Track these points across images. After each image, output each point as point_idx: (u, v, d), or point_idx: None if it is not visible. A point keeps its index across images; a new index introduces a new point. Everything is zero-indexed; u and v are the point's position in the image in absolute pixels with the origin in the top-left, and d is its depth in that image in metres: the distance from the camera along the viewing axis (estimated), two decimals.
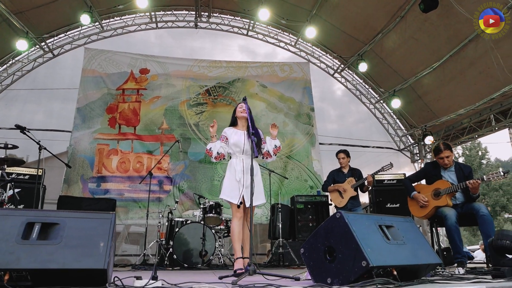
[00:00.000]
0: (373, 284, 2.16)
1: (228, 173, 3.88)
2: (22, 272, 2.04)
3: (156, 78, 8.71)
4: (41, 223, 2.20)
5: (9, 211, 2.23)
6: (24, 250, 2.06)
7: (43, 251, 2.08)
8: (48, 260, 2.06)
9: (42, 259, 2.05)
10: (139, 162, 7.99)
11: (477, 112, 7.44)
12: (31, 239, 2.12)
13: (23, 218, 2.18)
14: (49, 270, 2.04)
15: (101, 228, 2.27)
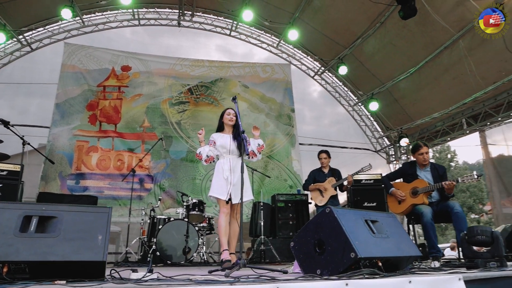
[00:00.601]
0: (361, 274, 2.30)
1: (216, 172, 4.07)
2: (21, 264, 2.07)
3: (138, 75, 8.65)
4: (38, 216, 2.23)
5: (5, 204, 2.24)
6: (23, 243, 2.09)
7: (42, 243, 2.12)
8: (48, 253, 2.09)
9: (42, 251, 2.08)
10: (120, 160, 7.93)
11: (450, 116, 7.80)
12: (29, 232, 2.15)
13: (20, 211, 2.21)
14: (49, 262, 2.08)
15: (99, 222, 2.32)
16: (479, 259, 2.73)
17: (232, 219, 4.02)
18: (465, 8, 6.17)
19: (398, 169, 4.96)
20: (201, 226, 6.16)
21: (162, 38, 9.43)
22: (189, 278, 2.29)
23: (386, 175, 4.97)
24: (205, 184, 8.23)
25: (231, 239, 3.95)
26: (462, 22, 6.37)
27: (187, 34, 9.51)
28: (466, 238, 2.77)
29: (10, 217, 2.16)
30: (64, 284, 2.04)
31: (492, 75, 6.43)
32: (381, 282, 2.25)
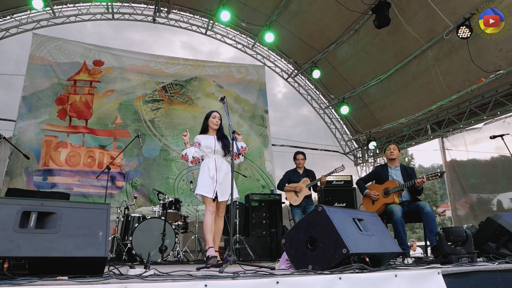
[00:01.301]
0: (351, 268, 2.45)
1: (202, 171, 4.16)
2: (22, 260, 2.04)
3: (110, 71, 8.46)
4: (37, 212, 2.20)
5: (3, 200, 2.19)
6: (23, 238, 2.06)
7: (43, 239, 2.10)
8: (49, 248, 2.08)
9: (43, 247, 2.07)
10: (91, 156, 7.72)
11: (416, 121, 8.24)
12: (28, 228, 2.12)
13: (18, 207, 2.17)
14: (50, 258, 2.07)
15: (99, 218, 2.32)
16: (453, 255, 2.97)
17: (217, 217, 4.11)
18: (434, 20, 6.57)
19: (371, 171, 5.24)
20: (176, 224, 6.15)
21: (126, 31, 9.16)
22: (189, 274, 2.34)
23: (360, 178, 5.23)
24: (178, 183, 8.19)
25: (215, 237, 4.03)
26: (431, 33, 6.77)
27: (150, 29, 9.26)
28: (445, 236, 3.00)
29: (9, 213, 2.11)
30: (67, 279, 2.04)
31: (456, 84, 6.88)
32: (370, 276, 2.42)
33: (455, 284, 2.58)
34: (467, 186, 7.59)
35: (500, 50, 6.14)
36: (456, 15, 6.22)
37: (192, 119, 8.77)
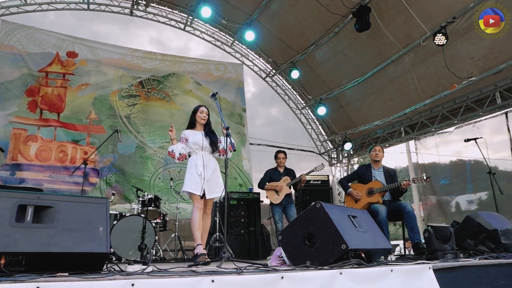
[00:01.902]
0: (350, 264, 2.50)
1: (189, 168, 4.08)
2: (19, 256, 1.94)
3: (85, 63, 8.16)
4: (34, 206, 2.09)
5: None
6: (21, 233, 1.96)
7: (42, 234, 2.00)
8: (48, 244, 1.99)
9: (42, 242, 1.97)
10: (63, 151, 7.42)
11: (390, 124, 8.51)
12: (25, 222, 2.02)
13: (14, 200, 2.06)
14: (49, 254, 1.97)
15: (98, 213, 2.25)
16: (439, 252, 3.10)
17: (205, 214, 4.07)
18: (411, 27, 6.81)
19: (355, 171, 5.36)
20: (155, 222, 6.03)
21: (91, 23, 8.71)
22: (191, 270, 2.31)
23: (344, 177, 5.35)
24: (154, 181, 8.03)
25: (202, 235, 3.99)
26: (408, 39, 7.02)
27: (118, 22, 8.93)
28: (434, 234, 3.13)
29: (4, 206, 2.00)
30: (67, 276, 1.95)
31: (430, 89, 7.16)
32: (368, 271, 2.48)
33: (444, 279, 2.69)
34: (437, 187, 7.92)
35: (472, 58, 6.46)
36: (432, 23, 6.48)
37: (169, 116, 8.62)
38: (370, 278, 2.45)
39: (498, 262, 3.02)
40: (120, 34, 8.97)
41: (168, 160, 8.26)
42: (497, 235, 3.59)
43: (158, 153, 8.23)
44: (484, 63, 6.35)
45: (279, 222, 6.00)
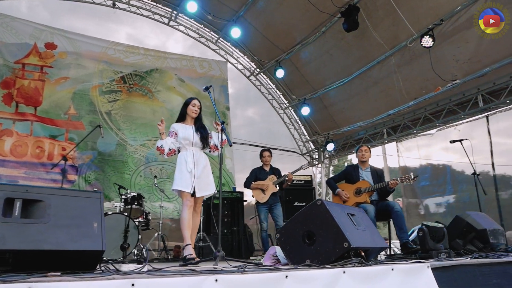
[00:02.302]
0: (352, 262, 2.46)
1: (179, 165, 3.93)
2: (6, 254, 1.78)
3: (64, 56, 7.84)
4: (22, 199, 1.93)
5: None
6: (8, 229, 1.80)
7: (32, 230, 1.85)
8: (40, 240, 1.84)
9: (33, 239, 1.82)
10: (40, 147, 7.09)
11: (373, 125, 8.59)
12: (13, 217, 1.86)
13: (0, 193, 1.89)
14: (41, 251, 1.83)
15: (92, 208, 2.11)
16: (433, 251, 3.11)
17: (194, 213, 3.96)
18: (398, 28, 6.88)
19: (342, 171, 5.34)
20: (137, 221, 5.84)
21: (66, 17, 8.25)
22: (191, 268, 2.20)
23: (331, 177, 5.34)
24: (135, 179, 7.80)
25: (191, 233, 3.87)
26: (395, 40, 7.08)
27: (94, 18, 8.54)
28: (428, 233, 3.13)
29: None
30: (59, 275, 1.81)
31: (414, 91, 7.26)
32: (369, 269, 2.44)
33: (442, 277, 2.69)
34: (417, 188, 8.04)
35: (457, 61, 6.58)
36: (419, 25, 6.56)
37: (151, 113, 8.41)
38: (372, 277, 2.41)
39: (490, 262, 3.05)
40: (96, 30, 8.58)
41: (149, 158, 8.05)
42: (486, 235, 3.64)
43: (139, 151, 8.00)
44: (469, 66, 6.49)
45: (264, 221, 5.93)
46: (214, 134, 4.10)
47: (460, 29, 6.33)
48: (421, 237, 3.18)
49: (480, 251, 3.61)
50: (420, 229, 3.24)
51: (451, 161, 7.50)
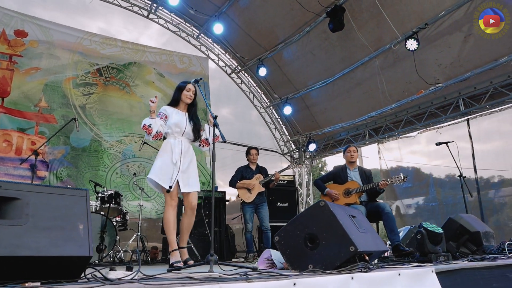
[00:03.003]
0: (358, 267, 2.31)
1: (163, 153, 3.51)
2: None
3: (36, 45, 7.35)
4: None
5: None
6: None
7: (8, 233, 1.59)
8: (17, 245, 1.58)
9: (9, 243, 1.56)
10: (7, 140, 6.60)
11: (355, 126, 8.58)
12: None
13: None
14: (19, 258, 1.56)
15: (76, 207, 1.85)
16: (432, 254, 3.02)
17: (189, 210, 3.57)
18: (383, 30, 6.87)
19: (330, 172, 5.24)
20: (114, 221, 5.52)
21: (34, 8, 7.68)
22: (187, 276, 1.98)
23: (319, 178, 5.22)
24: (111, 176, 7.42)
25: (184, 234, 3.56)
26: (379, 43, 7.07)
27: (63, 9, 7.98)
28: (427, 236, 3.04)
29: None
30: (39, 286, 1.56)
31: (397, 93, 7.28)
32: (376, 275, 2.30)
33: (445, 282, 2.59)
34: (399, 190, 8.08)
35: (440, 65, 6.64)
36: (404, 28, 6.56)
37: (128, 108, 8.04)
38: (379, 282, 2.27)
39: (489, 265, 3.00)
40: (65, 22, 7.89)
41: (126, 154, 7.69)
42: (479, 237, 3.61)
43: (115, 147, 7.62)
44: (451, 70, 6.55)
45: (249, 222, 5.76)
46: (206, 127, 3.72)
47: (443, 34, 6.39)
48: (419, 239, 3.09)
49: (473, 254, 3.57)
50: (418, 231, 3.15)
51: (433, 164, 7.59)
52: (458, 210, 6.10)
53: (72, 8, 8.13)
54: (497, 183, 6.64)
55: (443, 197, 7.11)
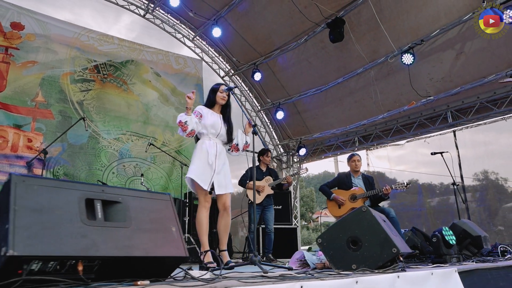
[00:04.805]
0: (399, 267, 2.56)
1: (199, 154, 3.56)
2: (95, 261, 1.62)
3: (33, 38, 7.18)
4: (101, 200, 1.77)
5: (58, 183, 1.71)
6: (96, 233, 1.65)
7: (119, 235, 1.71)
8: (129, 246, 1.70)
9: (123, 244, 1.69)
10: (3, 137, 6.42)
11: (345, 133, 8.94)
12: (97, 220, 1.70)
13: (79, 193, 1.72)
14: (131, 258, 1.69)
15: (165, 211, 1.99)
16: (447, 256, 3.33)
17: (224, 212, 3.63)
18: (379, 43, 7.25)
19: (335, 178, 5.51)
20: None
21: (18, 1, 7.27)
22: (262, 275, 2.15)
23: (325, 184, 5.47)
24: (107, 175, 7.37)
25: (222, 235, 3.64)
26: (374, 55, 7.44)
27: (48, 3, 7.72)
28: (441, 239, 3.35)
29: (70, 200, 1.65)
30: (148, 284, 1.69)
31: (388, 103, 7.69)
32: (415, 274, 2.55)
33: (465, 280, 2.89)
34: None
35: (431, 79, 7.09)
36: (399, 42, 6.97)
37: (126, 106, 8.00)
38: (418, 281, 2.53)
39: (496, 266, 3.34)
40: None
41: (123, 153, 7.66)
42: (481, 241, 3.97)
43: (113, 145, 7.57)
44: (441, 84, 7.01)
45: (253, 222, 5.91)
46: (240, 133, 3.81)
47: (436, 50, 6.83)
48: (435, 243, 3.39)
49: (474, 256, 3.92)
50: (433, 235, 3.46)
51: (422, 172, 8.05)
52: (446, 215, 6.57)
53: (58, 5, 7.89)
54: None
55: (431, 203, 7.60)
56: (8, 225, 1.43)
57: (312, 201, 35.44)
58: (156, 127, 8.35)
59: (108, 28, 8.63)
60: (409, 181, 4.87)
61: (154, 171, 7.99)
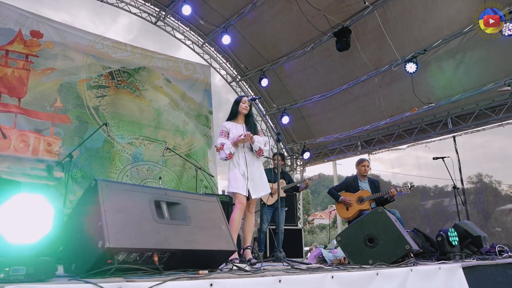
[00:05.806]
0: (411, 262, 2.89)
1: (232, 167, 3.89)
2: (166, 253, 1.94)
3: (51, 46, 7.49)
4: (165, 202, 2.09)
5: (131, 186, 2.02)
6: (166, 230, 1.97)
7: (183, 231, 2.03)
8: (192, 241, 2.02)
9: (188, 239, 2.01)
10: (24, 141, 6.72)
11: (348, 138, 9.28)
12: (165, 219, 2.02)
13: (148, 196, 2.04)
14: (193, 251, 2.00)
15: (214, 211, 2.31)
16: (451, 253, 3.66)
17: (249, 213, 3.95)
18: (383, 52, 7.60)
19: (342, 182, 5.83)
20: None
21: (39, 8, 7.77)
22: (296, 267, 2.47)
23: (332, 187, 5.78)
24: (122, 178, 7.66)
25: (247, 234, 3.95)
26: (378, 63, 7.79)
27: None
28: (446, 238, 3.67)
29: (142, 202, 1.97)
30: (207, 273, 2.00)
31: (391, 110, 8.03)
32: (426, 268, 2.89)
33: (468, 275, 3.22)
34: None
35: (433, 87, 7.44)
36: (403, 51, 7.32)
37: (138, 112, 8.30)
38: (428, 275, 2.86)
39: (495, 263, 3.67)
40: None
41: (136, 157, 7.96)
42: (481, 240, 4.30)
43: (126, 149, 7.88)
44: (442, 92, 7.36)
45: (265, 223, 6.21)
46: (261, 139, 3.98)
47: (438, 59, 7.19)
48: (440, 241, 3.72)
49: (474, 254, 4.25)
50: (438, 234, 3.79)
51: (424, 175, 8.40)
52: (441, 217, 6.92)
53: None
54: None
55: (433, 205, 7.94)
56: (101, 222, 1.74)
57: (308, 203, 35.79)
58: (167, 131, 8.66)
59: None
60: (412, 183, 5.20)
61: (165, 173, 8.29)
